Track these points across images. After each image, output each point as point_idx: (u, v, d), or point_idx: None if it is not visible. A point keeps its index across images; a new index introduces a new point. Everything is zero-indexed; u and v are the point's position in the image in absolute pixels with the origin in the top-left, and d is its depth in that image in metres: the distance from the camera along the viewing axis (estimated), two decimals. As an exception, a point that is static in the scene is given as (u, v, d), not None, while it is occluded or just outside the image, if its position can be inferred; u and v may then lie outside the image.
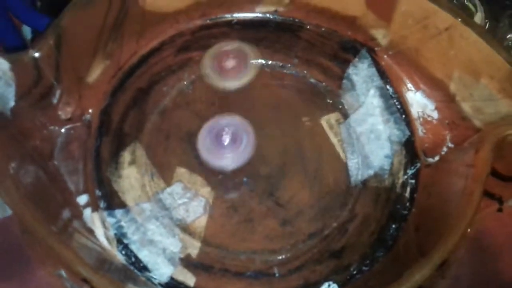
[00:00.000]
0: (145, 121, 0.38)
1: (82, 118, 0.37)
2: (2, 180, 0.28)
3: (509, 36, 0.49)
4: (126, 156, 0.37)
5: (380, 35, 0.39)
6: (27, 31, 0.46)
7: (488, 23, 0.48)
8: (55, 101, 0.35)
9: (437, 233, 0.29)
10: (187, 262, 0.33)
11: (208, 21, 0.41)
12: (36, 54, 0.33)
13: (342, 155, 0.38)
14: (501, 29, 0.49)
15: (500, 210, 0.33)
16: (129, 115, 0.38)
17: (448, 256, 0.27)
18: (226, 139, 0.37)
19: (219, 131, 0.37)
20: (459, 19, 0.34)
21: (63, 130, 0.36)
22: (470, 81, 0.35)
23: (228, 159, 0.36)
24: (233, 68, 0.40)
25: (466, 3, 0.47)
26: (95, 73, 0.38)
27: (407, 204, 0.35)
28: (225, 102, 0.40)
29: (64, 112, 0.36)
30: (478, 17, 0.46)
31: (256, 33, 0.41)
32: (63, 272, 0.30)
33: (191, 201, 0.36)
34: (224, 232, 0.35)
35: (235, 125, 0.37)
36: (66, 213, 0.32)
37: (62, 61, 0.34)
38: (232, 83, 0.40)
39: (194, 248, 0.34)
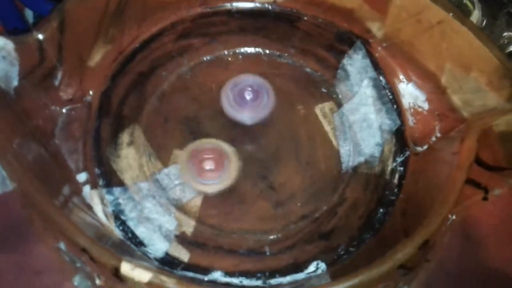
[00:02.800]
0: (144, 104, 0.40)
1: (83, 99, 0.38)
2: (6, 154, 0.30)
3: (505, 34, 0.50)
4: (125, 137, 0.38)
5: (375, 28, 0.41)
6: (29, 14, 0.47)
7: (485, 21, 0.49)
8: (56, 82, 0.37)
9: (422, 217, 0.31)
10: (182, 239, 0.35)
11: (208, 9, 0.42)
12: (40, 36, 0.34)
13: (334, 142, 0.40)
14: (498, 27, 0.50)
15: (485, 199, 0.34)
16: (129, 98, 0.40)
17: (429, 238, 0.29)
18: (248, 96, 0.39)
19: (243, 88, 0.40)
20: (451, 14, 0.35)
21: (64, 111, 0.37)
22: (461, 74, 0.37)
23: (247, 116, 0.39)
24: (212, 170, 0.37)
25: (464, 0, 0.48)
26: (96, 57, 0.39)
27: (395, 190, 0.37)
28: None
29: (66, 93, 0.38)
30: (475, 15, 0.48)
31: (254, 22, 0.43)
32: (62, 245, 0.32)
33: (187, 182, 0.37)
34: (218, 212, 0.37)
35: (258, 85, 0.40)
36: (66, 189, 0.34)
37: (65, 43, 0.36)
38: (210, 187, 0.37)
39: (189, 227, 0.36)
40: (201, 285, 0.32)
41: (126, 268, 0.27)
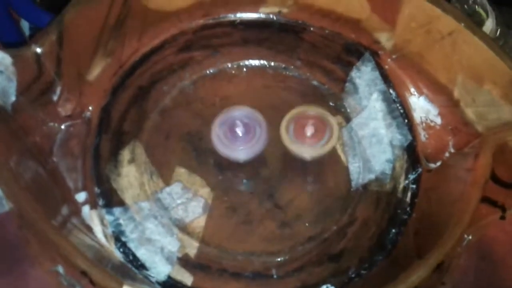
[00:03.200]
0: (145, 119, 0.40)
1: (82, 115, 0.39)
2: (2, 172, 0.30)
3: (520, 43, 0.50)
4: (125, 154, 0.39)
5: (384, 39, 0.41)
6: (25, 26, 0.48)
7: (499, 30, 0.50)
8: (55, 98, 0.37)
9: (436, 237, 0.31)
10: (185, 262, 0.35)
11: (211, 20, 0.43)
12: (38, 50, 0.35)
13: (343, 158, 0.40)
14: (513, 35, 0.51)
15: (503, 218, 0.34)
16: (129, 113, 0.40)
17: (444, 259, 0.29)
18: (240, 132, 0.38)
19: (233, 124, 0.39)
20: (462, 24, 0.36)
21: (63, 127, 0.38)
22: (473, 87, 0.37)
23: (242, 152, 0.38)
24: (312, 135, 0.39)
25: (477, 9, 0.49)
26: (96, 71, 0.40)
27: (408, 208, 0.37)
28: (226, 102, 0.42)
29: (64, 109, 0.38)
30: (489, 23, 0.48)
31: (259, 33, 0.43)
32: (60, 268, 0.32)
33: (190, 201, 0.37)
34: (222, 232, 0.37)
35: (248, 117, 0.39)
36: (64, 210, 0.34)
37: (64, 57, 0.36)
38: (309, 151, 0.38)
39: (192, 248, 0.36)
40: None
41: (127, 292, 0.27)
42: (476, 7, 0.49)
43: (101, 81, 0.40)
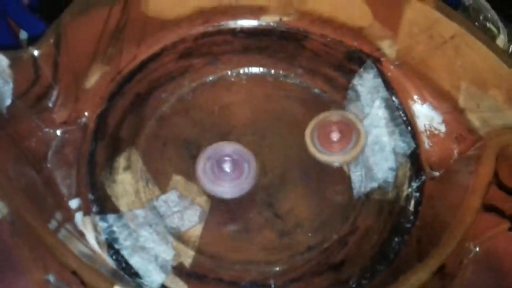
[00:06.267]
0: (142, 127, 0.42)
1: (78, 121, 0.40)
2: (-4, 174, 0.31)
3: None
4: (121, 161, 0.40)
5: (386, 45, 0.43)
6: (23, 33, 0.51)
7: (511, 47, 0.52)
8: (51, 103, 0.39)
9: (438, 243, 0.32)
10: (179, 271, 0.36)
11: (211, 28, 0.45)
12: (36, 52, 0.37)
13: (345, 167, 0.41)
14: (525, 52, 0.52)
15: (511, 229, 0.35)
16: (126, 120, 0.42)
17: (445, 262, 0.30)
18: (227, 167, 0.39)
19: (221, 158, 0.40)
20: (464, 27, 0.37)
21: (58, 133, 0.39)
22: (477, 92, 0.38)
23: (227, 188, 0.39)
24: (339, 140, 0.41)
25: (488, 25, 0.51)
26: (93, 78, 0.42)
27: (411, 217, 0.38)
28: (226, 111, 0.44)
29: (59, 115, 0.40)
30: (501, 40, 0.50)
31: (259, 41, 0.45)
32: (51, 277, 0.33)
33: (186, 210, 0.39)
34: (219, 241, 0.38)
35: (237, 154, 0.40)
36: (58, 216, 0.36)
37: (61, 60, 0.38)
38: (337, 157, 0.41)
39: (188, 257, 0.37)
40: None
41: (119, 292, 0.28)
42: (488, 23, 0.51)
43: (98, 87, 0.42)
